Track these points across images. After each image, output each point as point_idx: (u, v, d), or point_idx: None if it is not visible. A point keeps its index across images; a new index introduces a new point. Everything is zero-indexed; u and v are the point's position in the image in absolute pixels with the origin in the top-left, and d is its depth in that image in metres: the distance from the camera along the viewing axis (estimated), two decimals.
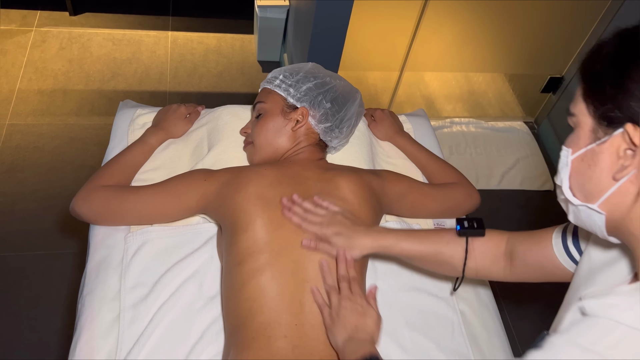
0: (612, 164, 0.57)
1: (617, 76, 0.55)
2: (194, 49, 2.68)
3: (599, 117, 0.58)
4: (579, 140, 0.61)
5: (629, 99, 0.54)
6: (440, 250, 0.97)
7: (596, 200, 0.60)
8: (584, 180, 0.61)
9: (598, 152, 0.58)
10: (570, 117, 0.62)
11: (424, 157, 1.33)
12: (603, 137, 0.57)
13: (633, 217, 0.57)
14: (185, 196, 1.04)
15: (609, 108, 0.56)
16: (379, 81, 2.62)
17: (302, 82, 1.12)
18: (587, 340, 0.50)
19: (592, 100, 0.59)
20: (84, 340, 0.96)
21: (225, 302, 0.97)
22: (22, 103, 2.29)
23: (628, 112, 0.54)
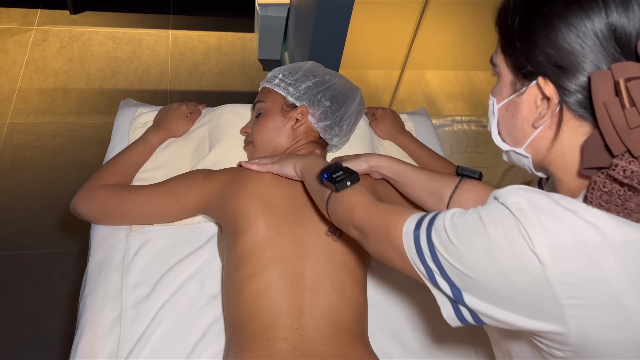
0: (530, 113, 0.62)
1: (524, 31, 0.59)
2: (195, 47, 2.68)
3: (515, 70, 0.62)
4: (502, 91, 0.65)
5: (537, 53, 0.57)
6: (435, 180, 1.00)
7: (521, 145, 0.65)
8: (509, 127, 0.66)
9: (518, 103, 0.63)
10: (494, 67, 0.66)
11: (426, 156, 1.32)
12: (521, 89, 0.62)
13: (551, 158, 0.62)
14: (185, 196, 1.04)
15: (522, 62, 0.60)
16: (380, 80, 2.61)
17: (301, 80, 1.11)
18: (483, 212, 0.59)
19: (508, 54, 0.62)
20: (86, 339, 0.96)
21: (225, 303, 0.96)
22: (22, 102, 2.29)
23: (538, 66, 0.58)
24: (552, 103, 0.58)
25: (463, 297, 0.61)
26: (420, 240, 0.65)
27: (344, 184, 0.85)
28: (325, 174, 0.88)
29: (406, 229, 0.68)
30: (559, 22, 0.55)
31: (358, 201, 0.82)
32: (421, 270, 0.65)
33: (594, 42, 0.53)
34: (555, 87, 0.57)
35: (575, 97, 0.56)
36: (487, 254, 0.57)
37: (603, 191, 0.53)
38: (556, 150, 0.61)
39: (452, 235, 0.61)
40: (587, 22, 0.53)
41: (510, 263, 0.55)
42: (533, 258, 0.53)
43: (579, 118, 0.57)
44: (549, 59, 0.57)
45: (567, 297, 0.53)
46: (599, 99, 0.52)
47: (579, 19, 0.54)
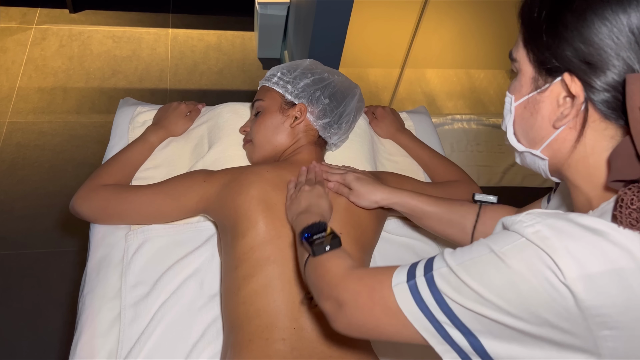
0: (552, 112, 0.58)
1: (552, 24, 0.55)
2: (195, 46, 2.67)
3: (538, 66, 0.58)
4: (521, 88, 0.62)
5: (565, 48, 0.54)
6: (454, 211, 0.97)
7: (539, 146, 0.61)
8: (527, 127, 0.62)
9: (539, 100, 0.59)
10: (513, 62, 0.62)
11: (426, 155, 1.32)
12: (543, 86, 0.58)
13: (571, 163, 0.59)
14: (184, 197, 1.03)
15: (547, 57, 0.56)
16: (380, 78, 2.61)
17: (299, 78, 1.11)
18: (496, 245, 0.54)
19: (531, 47, 0.59)
20: (85, 339, 0.96)
21: (224, 303, 0.96)
22: (22, 101, 2.28)
23: (564, 61, 0.54)
24: (577, 101, 0.55)
25: (482, 344, 0.55)
26: (420, 290, 0.58)
27: (321, 248, 0.77)
28: (306, 233, 0.80)
29: (396, 282, 0.61)
30: (592, 15, 0.51)
31: (333, 267, 0.73)
32: (425, 326, 0.58)
33: (629, 38, 0.50)
34: (582, 85, 0.54)
35: (603, 96, 0.52)
36: (511, 290, 0.52)
37: (632, 209, 0.48)
38: (577, 154, 0.57)
39: (464, 275, 0.55)
40: (624, 16, 0.50)
41: (538, 297, 0.50)
42: (564, 290, 0.49)
43: (605, 120, 0.54)
44: (578, 55, 0.53)
45: (603, 329, 0.49)
46: (635, 104, 0.48)
47: (615, 13, 0.50)
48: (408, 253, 1.16)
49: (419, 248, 1.17)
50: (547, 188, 2.33)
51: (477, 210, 0.95)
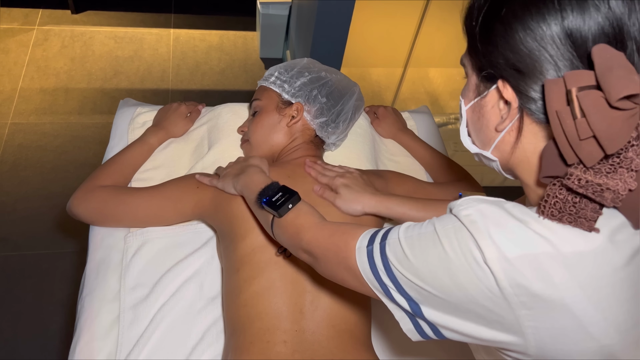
0: (494, 116, 0.61)
1: (485, 33, 0.57)
2: (196, 46, 2.67)
3: (478, 72, 0.61)
4: (469, 92, 0.64)
5: (497, 56, 0.56)
6: (432, 209, 0.97)
7: (488, 148, 0.64)
8: (476, 129, 0.65)
9: (483, 105, 0.62)
10: (463, 67, 0.65)
11: (428, 155, 1.31)
12: (484, 92, 0.61)
13: (516, 162, 0.61)
14: (180, 203, 1.03)
15: (484, 64, 0.59)
16: (383, 78, 2.60)
17: (296, 77, 1.10)
18: (439, 224, 0.59)
19: (472, 55, 0.61)
20: (84, 341, 0.95)
21: (225, 306, 0.96)
22: (24, 102, 2.28)
23: (497, 69, 0.57)
24: (511, 107, 0.57)
25: (422, 311, 0.60)
26: (374, 255, 0.64)
27: (285, 208, 0.82)
28: (264, 198, 0.84)
29: (359, 246, 0.67)
30: (516, 24, 0.53)
31: (303, 224, 0.79)
32: (376, 287, 0.64)
33: (551, 46, 0.52)
34: (514, 91, 0.56)
35: (535, 102, 0.55)
36: (443, 267, 0.56)
37: (556, 199, 0.52)
38: (519, 155, 0.60)
39: (407, 249, 0.60)
40: (544, 24, 0.52)
41: (465, 275, 0.55)
42: (487, 270, 0.53)
43: (538, 123, 0.56)
44: (508, 62, 0.55)
45: (522, 308, 0.53)
46: (552, 107, 0.51)
47: (536, 21, 0.52)
48: None
49: None
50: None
51: None
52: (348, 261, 0.67)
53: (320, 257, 0.74)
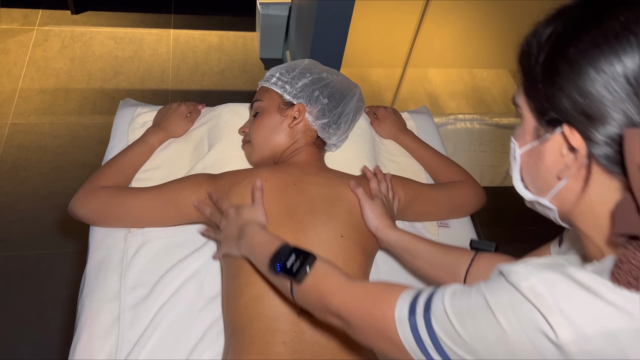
0: (555, 163, 0.56)
1: (548, 73, 0.53)
2: (196, 46, 2.67)
3: (539, 115, 0.56)
4: (524, 135, 0.59)
5: (562, 99, 0.51)
6: (448, 253, 0.94)
7: (546, 195, 0.59)
8: (532, 175, 0.60)
9: (542, 150, 0.57)
10: (516, 107, 0.60)
11: (428, 155, 1.31)
12: (544, 135, 0.56)
13: (578, 213, 0.57)
14: (183, 207, 1.02)
15: (546, 107, 0.54)
16: (382, 78, 2.60)
17: (298, 78, 1.10)
18: (492, 296, 0.53)
19: (530, 96, 0.57)
20: (84, 341, 0.95)
21: (225, 308, 0.96)
22: (24, 102, 2.29)
23: (562, 113, 0.52)
24: (578, 155, 0.52)
25: None
26: (419, 329, 0.58)
27: (303, 272, 0.74)
28: (277, 264, 0.77)
29: (399, 316, 0.60)
30: (586, 65, 0.48)
31: (327, 287, 0.72)
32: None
33: (626, 89, 0.47)
34: (582, 138, 0.51)
35: (604, 149, 0.50)
36: (501, 346, 0.51)
37: (632, 264, 0.46)
38: (583, 205, 0.55)
39: (457, 324, 0.54)
40: (618, 64, 0.47)
41: (529, 355, 0.49)
42: (557, 351, 0.47)
43: (609, 173, 0.51)
44: (575, 106, 0.50)
45: None
46: (633, 160, 0.46)
47: (609, 61, 0.47)
48: None
49: None
50: None
51: (472, 256, 0.91)
52: (388, 333, 0.61)
53: (354, 325, 0.68)
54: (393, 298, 0.63)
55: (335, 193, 1.01)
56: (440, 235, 1.21)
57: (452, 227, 1.24)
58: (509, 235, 2.06)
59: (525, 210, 0.67)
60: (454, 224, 1.24)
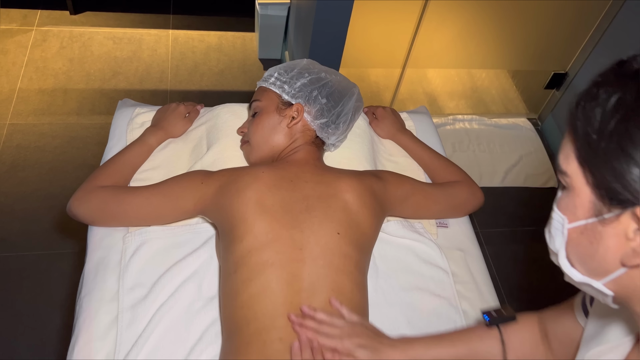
0: (619, 246, 0.48)
1: (620, 146, 0.44)
2: (195, 47, 2.67)
3: (599, 191, 0.48)
4: (575, 209, 0.51)
5: (636, 175, 0.44)
6: (475, 349, 0.85)
7: (601, 279, 0.52)
8: (585, 255, 0.52)
9: (602, 231, 0.49)
10: (562, 174, 0.52)
11: (427, 155, 1.31)
12: (607, 214, 0.48)
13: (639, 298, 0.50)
14: (182, 199, 1.03)
15: (613, 186, 0.46)
16: (381, 78, 2.60)
17: (296, 78, 1.10)
18: None
19: (589, 168, 0.48)
20: (82, 342, 0.95)
21: (222, 308, 0.96)
22: (22, 102, 2.28)
23: (634, 195, 0.45)
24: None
25: None
26: None
27: None
28: None
29: None
30: None
31: None
32: None
33: None
34: None
35: None
36: None
37: None
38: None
39: None
40: None
41: None
42: None
43: None
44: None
45: None
46: None
47: None
48: (408, 254, 1.15)
49: (418, 249, 1.16)
50: (549, 188, 2.32)
51: (500, 338, 0.83)
52: None
53: None
54: None
55: (331, 190, 1.01)
56: (439, 235, 1.21)
57: (451, 227, 1.24)
58: (507, 235, 2.06)
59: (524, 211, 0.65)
60: (453, 224, 1.24)
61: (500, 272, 1.95)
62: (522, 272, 1.99)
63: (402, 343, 0.87)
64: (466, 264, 1.18)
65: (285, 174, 1.02)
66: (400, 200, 1.12)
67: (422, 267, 1.13)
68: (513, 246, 2.05)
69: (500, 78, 2.75)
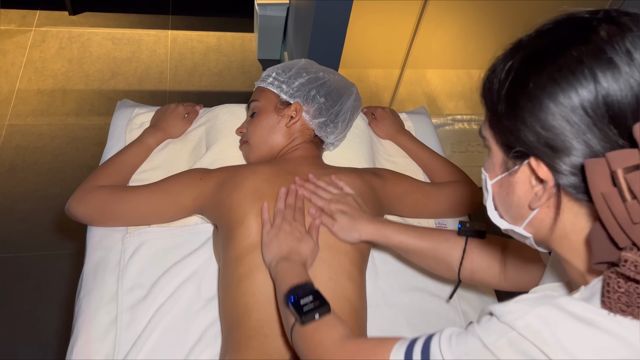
0: (526, 193, 0.56)
1: (510, 108, 0.53)
2: (194, 47, 2.67)
3: (505, 149, 0.57)
4: (494, 167, 0.60)
5: (526, 133, 0.52)
6: (439, 247, 0.95)
7: (520, 224, 0.60)
8: (505, 205, 0.61)
9: (512, 182, 0.57)
10: (483, 139, 0.61)
11: (426, 156, 1.31)
12: (512, 167, 0.57)
13: (554, 239, 0.57)
14: (181, 196, 1.03)
15: (511, 141, 0.55)
16: (380, 79, 2.60)
17: (294, 77, 1.10)
18: (488, 338, 0.53)
19: (495, 130, 0.57)
20: (81, 343, 0.95)
21: (222, 300, 0.95)
22: (21, 103, 2.28)
23: (528, 146, 0.53)
24: (547, 185, 0.53)
25: None
26: None
27: (310, 316, 0.74)
28: (293, 296, 0.77)
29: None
30: (545, 99, 0.50)
31: (323, 338, 0.72)
32: None
33: (585, 119, 0.48)
34: (549, 169, 0.52)
35: (571, 179, 0.51)
36: None
37: (620, 292, 0.47)
38: (558, 233, 0.56)
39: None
40: (575, 97, 0.48)
41: None
42: None
43: (578, 201, 0.52)
44: (539, 139, 0.51)
45: None
46: (597, 190, 0.47)
47: (566, 93, 0.48)
48: None
49: None
50: None
51: (464, 246, 0.93)
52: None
53: None
54: (386, 349, 0.63)
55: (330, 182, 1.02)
56: None
57: (449, 227, 1.24)
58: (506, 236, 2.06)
59: None
60: (452, 224, 1.24)
61: None
62: None
63: (379, 221, 0.97)
64: None
65: (283, 166, 1.03)
66: (399, 197, 1.12)
67: (421, 268, 1.13)
68: None
69: None
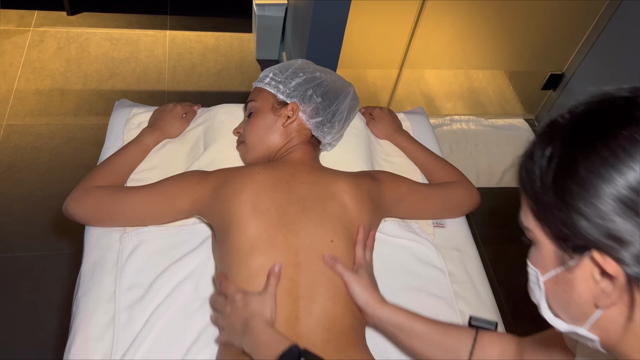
0: (590, 290, 0.50)
1: (559, 196, 0.48)
2: (192, 48, 2.67)
3: (557, 242, 0.51)
4: (544, 262, 0.54)
5: (583, 224, 0.47)
6: (447, 331, 0.89)
7: (583, 324, 0.53)
8: (563, 304, 0.54)
9: (571, 278, 0.51)
10: (525, 230, 0.55)
11: (423, 156, 1.31)
12: (570, 261, 0.51)
13: (626, 341, 0.51)
14: (178, 200, 1.02)
15: (566, 234, 0.49)
16: (378, 79, 2.61)
17: (291, 77, 1.11)
18: None
19: (543, 222, 0.52)
20: (79, 342, 0.95)
21: None
22: (19, 103, 2.28)
23: (587, 239, 0.47)
24: (617, 280, 0.47)
25: None
26: None
27: None
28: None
29: None
30: (601, 183, 0.45)
31: None
32: None
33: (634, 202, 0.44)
34: (615, 262, 0.46)
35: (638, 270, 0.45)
36: None
37: None
38: (632, 335, 0.50)
39: None
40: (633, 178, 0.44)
41: None
42: None
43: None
44: (600, 230, 0.46)
45: None
46: None
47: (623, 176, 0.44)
48: (405, 255, 1.15)
49: (415, 249, 1.16)
50: None
51: (474, 335, 0.87)
52: None
53: None
54: None
55: (328, 192, 1.01)
56: (435, 235, 1.21)
57: (447, 227, 1.24)
58: (504, 236, 2.07)
59: None
60: (450, 224, 1.25)
61: (497, 272, 1.95)
62: (518, 272, 1.99)
63: (389, 305, 0.92)
64: (463, 264, 1.18)
65: (281, 175, 1.02)
66: (397, 201, 1.12)
67: (419, 268, 1.14)
68: (510, 246, 2.05)
69: (497, 79, 2.76)
